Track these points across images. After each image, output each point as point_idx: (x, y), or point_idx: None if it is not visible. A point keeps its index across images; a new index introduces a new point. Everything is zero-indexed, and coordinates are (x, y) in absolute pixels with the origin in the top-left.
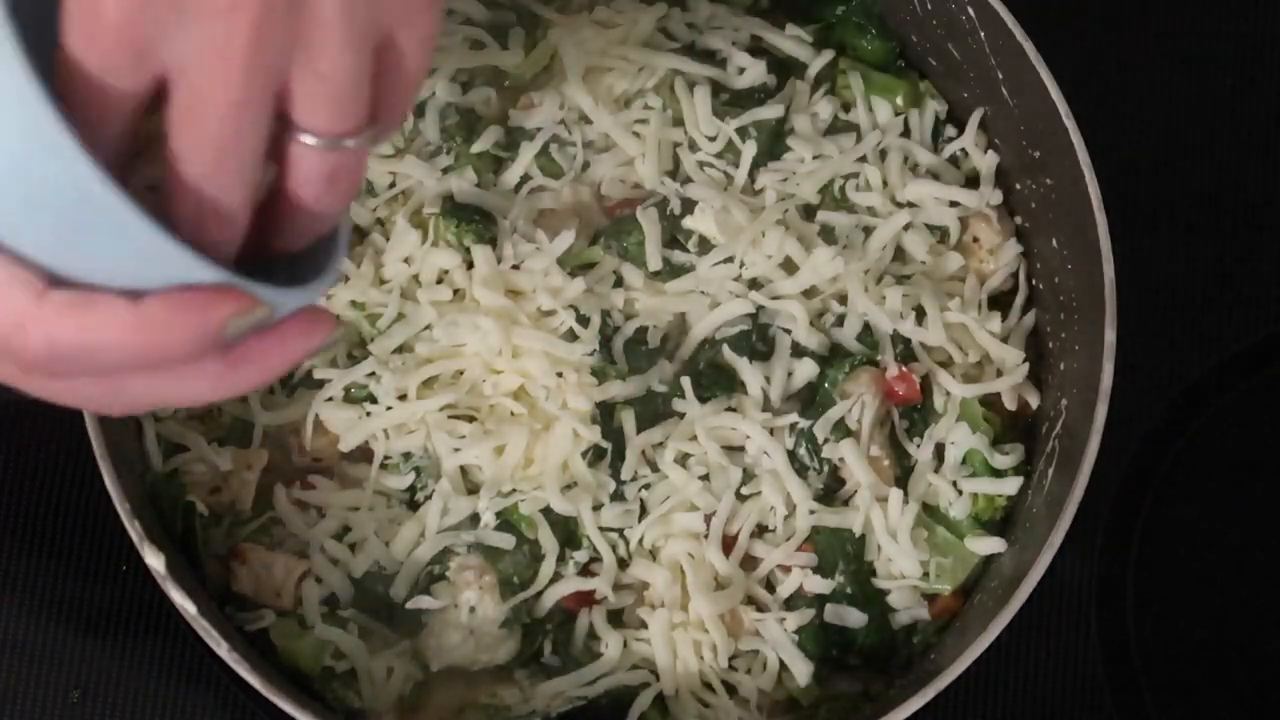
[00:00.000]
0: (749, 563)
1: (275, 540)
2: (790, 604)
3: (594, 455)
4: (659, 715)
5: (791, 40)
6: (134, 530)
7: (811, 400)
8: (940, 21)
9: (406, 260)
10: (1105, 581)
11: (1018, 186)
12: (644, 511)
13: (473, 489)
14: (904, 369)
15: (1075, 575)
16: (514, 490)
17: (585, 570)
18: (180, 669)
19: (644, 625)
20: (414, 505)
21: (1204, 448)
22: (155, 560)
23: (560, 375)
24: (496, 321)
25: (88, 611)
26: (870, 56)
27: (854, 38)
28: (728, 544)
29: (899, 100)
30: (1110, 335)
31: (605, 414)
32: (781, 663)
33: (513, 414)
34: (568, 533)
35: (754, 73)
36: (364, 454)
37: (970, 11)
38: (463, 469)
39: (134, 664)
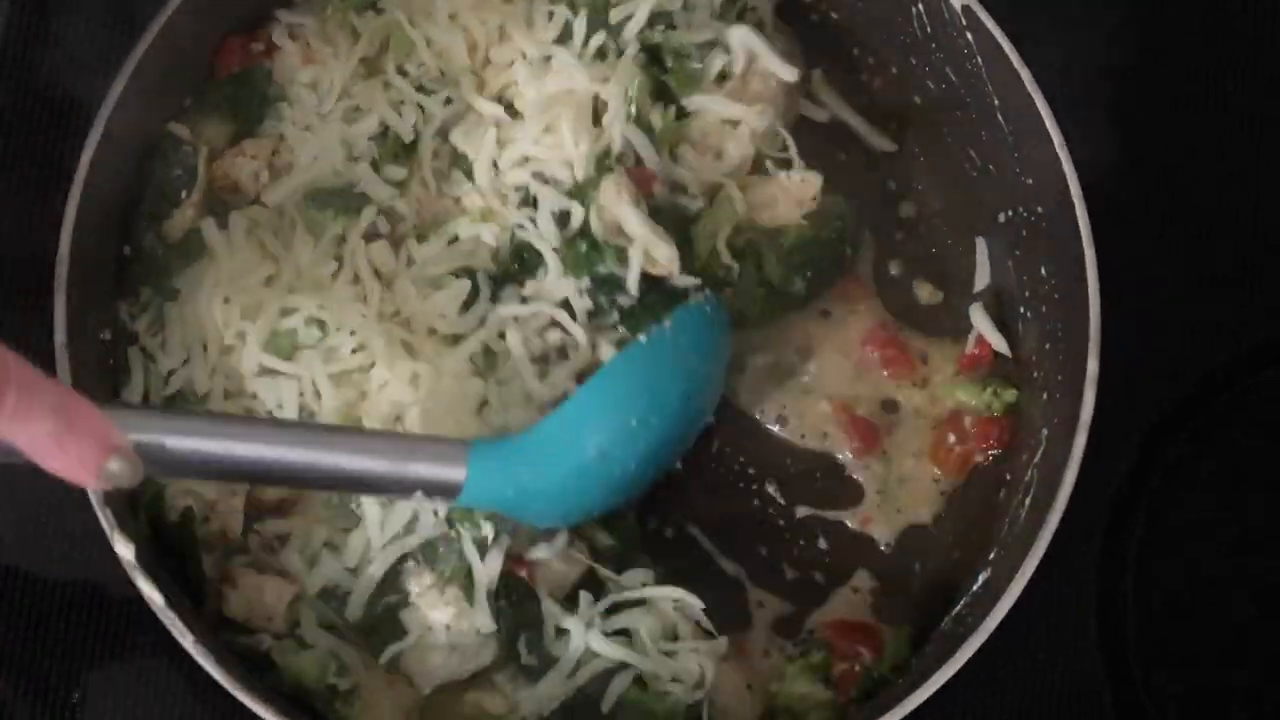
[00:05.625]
0: None
1: (263, 566)
2: None
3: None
4: (640, 692)
5: None
6: (105, 519)
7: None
8: (939, 45)
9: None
10: (1105, 583)
11: (1010, 213)
12: None
13: None
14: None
15: (1075, 576)
16: None
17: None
18: (180, 670)
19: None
20: None
21: (1204, 449)
22: (125, 549)
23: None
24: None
25: (88, 612)
26: None
27: None
28: None
29: None
30: (1093, 366)
31: None
32: None
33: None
34: None
35: None
36: None
37: (969, 37)
38: None
39: (134, 665)
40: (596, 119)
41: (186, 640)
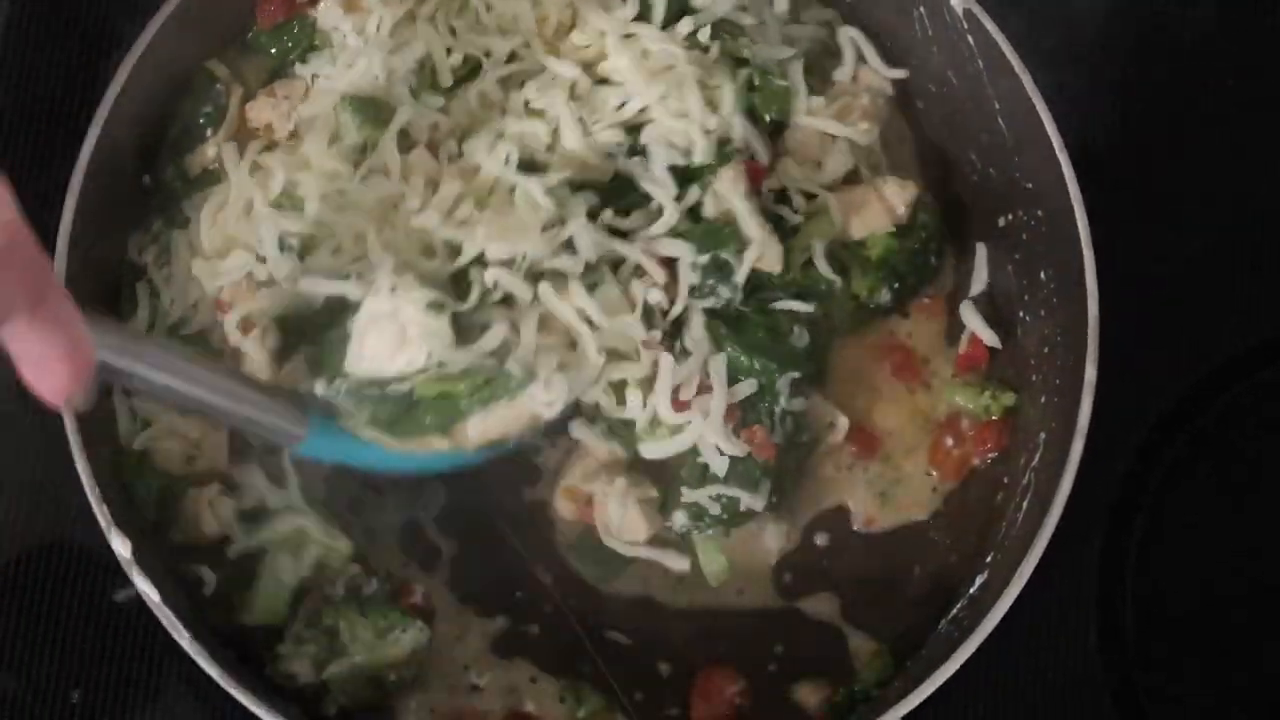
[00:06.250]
0: None
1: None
2: None
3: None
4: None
5: None
6: (102, 515)
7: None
8: (941, 48)
9: None
10: (1104, 585)
11: (1010, 217)
12: None
13: None
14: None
15: (1074, 578)
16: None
17: None
18: (180, 671)
19: None
20: None
21: (1202, 451)
22: (122, 547)
23: None
24: None
25: (88, 611)
26: None
27: None
28: None
29: None
30: (1091, 372)
31: None
32: None
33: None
34: None
35: None
36: None
37: (970, 40)
38: None
39: (134, 664)
40: None
41: (184, 639)
